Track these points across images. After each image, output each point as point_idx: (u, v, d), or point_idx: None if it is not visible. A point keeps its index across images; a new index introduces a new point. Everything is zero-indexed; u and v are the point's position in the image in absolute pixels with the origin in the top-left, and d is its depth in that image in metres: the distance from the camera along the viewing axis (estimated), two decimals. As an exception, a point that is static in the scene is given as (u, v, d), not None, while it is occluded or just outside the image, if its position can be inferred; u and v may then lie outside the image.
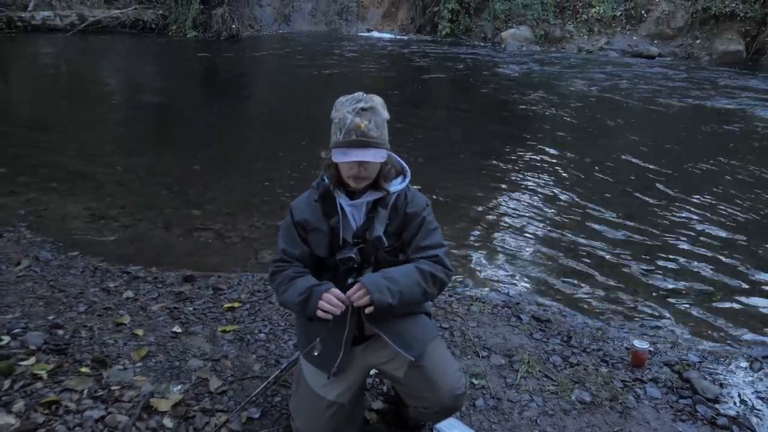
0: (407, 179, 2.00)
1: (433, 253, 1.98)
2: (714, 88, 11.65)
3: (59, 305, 3.10)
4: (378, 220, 1.96)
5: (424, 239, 1.99)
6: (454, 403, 2.04)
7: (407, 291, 1.89)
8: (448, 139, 7.72)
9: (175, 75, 11.90)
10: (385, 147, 1.87)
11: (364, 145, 1.81)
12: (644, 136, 8.11)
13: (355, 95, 1.88)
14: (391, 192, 1.95)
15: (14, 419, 2.08)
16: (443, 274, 1.99)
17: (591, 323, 3.40)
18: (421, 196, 2.04)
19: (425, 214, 2.00)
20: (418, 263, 1.95)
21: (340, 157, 1.82)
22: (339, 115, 1.84)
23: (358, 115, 1.81)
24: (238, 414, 2.29)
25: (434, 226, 2.03)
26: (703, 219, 5.20)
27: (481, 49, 16.36)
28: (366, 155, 1.81)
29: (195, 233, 4.48)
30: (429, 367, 1.99)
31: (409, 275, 1.91)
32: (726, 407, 2.64)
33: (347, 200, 1.95)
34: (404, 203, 1.98)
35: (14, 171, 5.60)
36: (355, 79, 11.79)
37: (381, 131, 1.85)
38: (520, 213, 5.22)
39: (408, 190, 2.01)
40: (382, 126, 1.85)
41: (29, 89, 10.17)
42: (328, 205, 1.98)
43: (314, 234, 2.00)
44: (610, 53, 16.00)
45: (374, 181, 1.92)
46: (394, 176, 1.99)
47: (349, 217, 1.97)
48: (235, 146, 7.03)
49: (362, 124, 1.80)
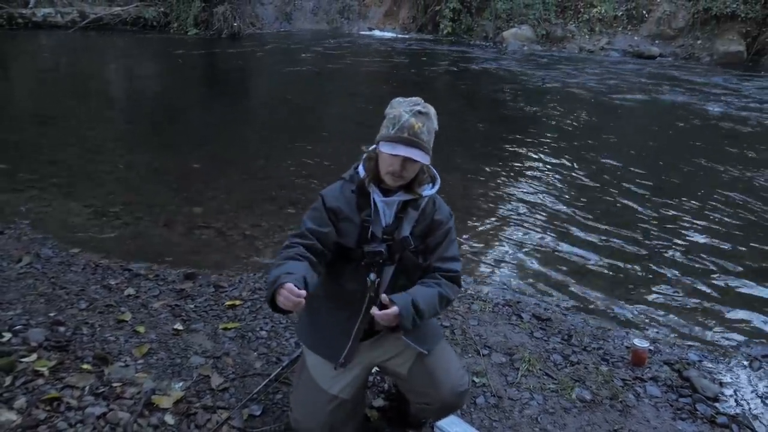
0: (437, 186, 2.05)
1: (454, 268, 2.06)
2: (714, 88, 11.64)
3: (60, 302, 3.11)
4: (407, 221, 2.00)
5: (448, 250, 2.06)
6: (456, 400, 2.07)
7: (426, 317, 1.97)
8: (448, 138, 7.71)
9: (175, 73, 11.89)
10: (430, 153, 1.91)
11: (413, 144, 1.85)
12: (646, 136, 8.11)
13: (413, 98, 1.95)
14: (423, 196, 2.00)
15: (16, 416, 2.08)
16: (454, 296, 2.09)
17: (591, 322, 3.41)
18: (446, 205, 2.10)
19: (450, 224, 2.07)
20: (441, 287, 2.01)
21: (388, 149, 1.86)
22: (395, 112, 1.89)
23: (414, 116, 1.87)
24: (240, 411, 2.30)
25: (455, 238, 2.11)
26: (705, 219, 5.20)
27: (483, 48, 16.36)
28: (413, 153, 1.85)
29: (196, 231, 4.48)
30: (433, 364, 2.04)
31: (432, 303, 1.97)
32: (726, 406, 2.65)
33: (381, 196, 1.98)
34: (433, 209, 2.04)
35: (15, 168, 5.60)
36: (357, 78, 11.79)
37: (430, 137, 1.90)
38: (521, 212, 5.22)
39: (436, 197, 2.07)
40: (431, 133, 1.91)
41: (30, 86, 10.17)
42: (362, 197, 2.00)
43: (345, 223, 2.01)
44: (612, 53, 15.98)
45: (409, 183, 1.96)
46: (430, 180, 2.04)
47: (380, 213, 2.00)
48: (236, 144, 7.03)
49: (417, 124, 1.86)
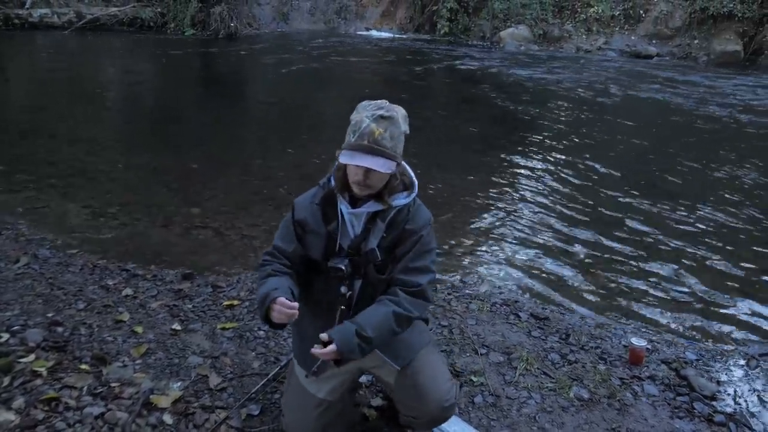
0: (413, 194, 1.94)
1: (416, 282, 1.91)
2: (711, 88, 11.67)
3: (58, 303, 3.10)
4: (374, 233, 1.92)
5: (414, 260, 1.92)
6: (442, 414, 2.02)
7: (378, 341, 1.85)
8: (446, 138, 7.73)
9: (172, 73, 11.88)
10: (396, 160, 1.82)
11: (373, 152, 1.76)
12: (643, 135, 8.13)
13: (378, 101, 1.84)
14: (393, 206, 1.90)
15: (14, 416, 2.08)
16: (418, 312, 1.92)
17: (589, 321, 3.41)
18: (424, 212, 1.98)
19: (423, 232, 1.93)
20: (399, 304, 1.87)
21: (347, 158, 1.77)
22: (357, 118, 1.81)
23: (376, 122, 1.77)
24: (238, 411, 2.30)
25: (429, 248, 1.96)
26: (702, 219, 5.21)
27: (480, 48, 16.37)
28: (374, 163, 1.76)
29: (194, 231, 4.48)
30: (418, 377, 1.97)
31: (385, 326, 1.85)
32: (723, 404, 2.65)
33: (348, 207, 1.91)
34: (405, 218, 1.92)
35: (12, 169, 5.59)
36: (354, 78, 11.79)
37: (395, 143, 1.80)
38: (519, 211, 5.23)
39: (412, 205, 1.95)
40: (397, 138, 1.81)
41: (27, 87, 10.15)
42: (329, 209, 1.95)
43: (311, 236, 1.98)
44: (609, 53, 16.01)
45: (378, 192, 1.87)
46: (402, 190, 1.93)
47: (348, 224, 1.93)
48: (233, 145, 7.03)
49: (377, 131, 1.76)
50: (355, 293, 1.97)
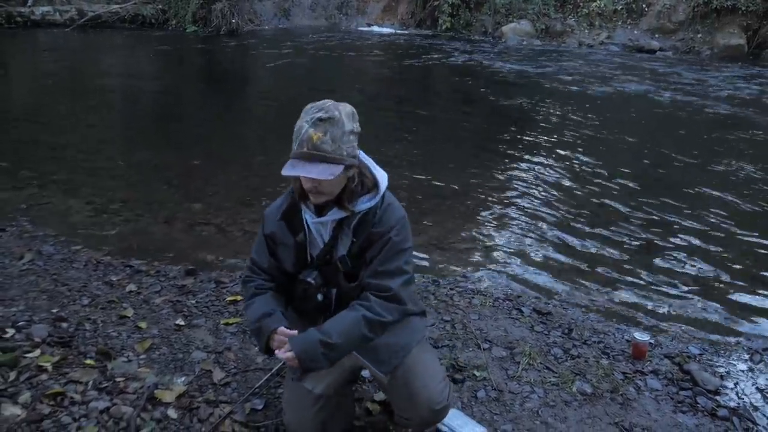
0: (377, 196, 1.83)
1: (388, 286, 1.82)
2: (715, 82, 11.63)
3: (63, 298, 3.12)
4: (342, 240, 1.85)
5: (384, 263, 1.82)
6: (433, 417, 1.99)
7: (346, 349, 1.82)
8: (448, 133, 7.72)
9: (174, 69, 11.89)
10: (342, 163, 1.69)
11: (313, 158, 1.65)
12: (646, 130, 8.11)
13: (318, 103, 1.72)
14: (356, 212, 1.81)
15: (20, 410, 2.10)
16: (393, 316, 1.84)
17: (592, 316, 3.41)
18: (395, 212, 1.86)
19: (392, 234, 1.81)
20: (370, 309, 1.81)
21: (287, 169, 1.67)
22: (298, 124, 1.70)
23: (314, 126, 1.65)
24: (242, 405, 2.31)
25: (400, 248, 1.84)
26: (705, 214, 5.20)
27: (482, 43, 16.33)
28: (312, 171, 1.65)
29: (196, 227, 4.49)
30: (409, 378, 1.93)
31: (352, 330, 1.79)
32: (726, 399, 2.65)
33: (313, 217, 1.85)
34: (372, 221, 1.82)
35: (15, 166, 5.61)
36: (355, 75, 11.78)
37: (338, 144, 1.67)
38: (521, 206, 5.22)
39: (379, 206, 1.83)
40: (341, 139, 1.68)
41: (30, 85, 10.16)
42: (294, 220, 1.89)
43: (281, 248, 1.95)
44: (611, 47, 15.96)
45: (337, 198, 1.78)
46: (367, 191, 1.82)
47: (315, 234, 1.88)
48: (235, 141, 7.04)
49: (316, 135, 1.64)
50: (332, 301, 1.94)
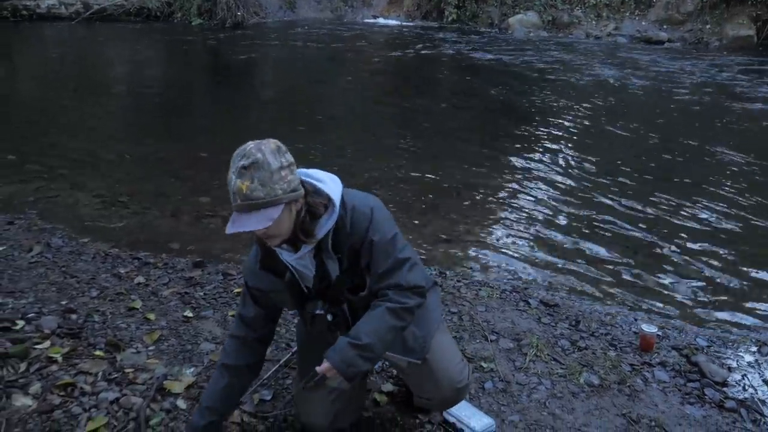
0: (335, 213, 1.76)
1: (396, 282, 1.81)
2: (723, 73, 11.54)
3: (72, 290, 3.14)
4: (328, 264, 1.81)
5: (380, 265, 1.80)
6: (455, 396, 2.05)
7: (381, 346, 1.80)
8: (454, 126, 7.70)
9: (179, 62, 11.89)
10: (281, 203, 1.62)
11: (248, 209, 1.60)
12: (654, 123, 8.06)
13: (241, 149, 1.65)
14: (319, 238, 1.76)
15: (31, 401, 2.12)
16: (414, 300, 1.84)
17: (599, 308, 3.41)
18: (360, 210, 1.79)
19: (370, 234, 1.77)
20: (389, 300, 1.81)
21: (229, 227, 1.63)
22: (228, 176, 1.64)
23: (240, 176, 1.60)
24: (251, 396, 2.32)
25: (384, 240, 1.79)
26: (713, 206, 5.17)
27: (488, 35, 16.24)
28: (249, 223, 1.60)
29: (204, 220, 4.50)
30: (430, 360, 1.97)
31: (380, 325, 1.79)
32: (734, 391, 2.65)
33: (291, 255, 1.80)
34: (346, 233, 1.78)
35: (23, 159, 5.63)
36: (360, 67, 11.75)
37: (270, 187, 1.60)
38: (528, 199, 5.21)
39: (344, 215, 1.78)
40: (270, 180, 1.60)
41: (36, 78, 10.19)
42: (274, 265, 1.86)
43: (275, 294, 1.93)
44: (619, 38, 15.83)
45: (293, 236, 1.72)
46: (321, 213, 1.75)
47: (300, 269, 1.85)
48: (240, 133, 7.01)
49: (244, 185, 1.59)
50: (347, 316, 1.93)
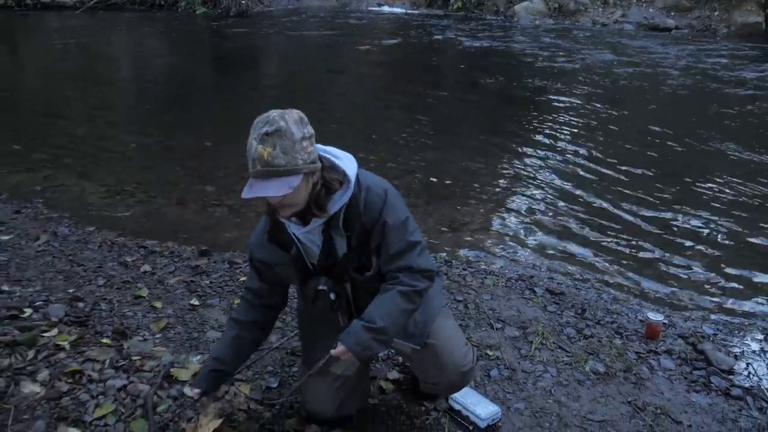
0: (349, 189, 1.77)
1: (407, 264, 1.82)
2: (732, 60, 11.42)
3: (78, 279, 3.16)
4: (337, 240, 1.82)
5: (392, 246, 1.81)
6: (460, 380, 2.06)
7: (394, 329, 1.81)
8: (458, 115, 7.67)
9: (184, 51, 11.86)
10: (300, 172, 1.64)
11: (267, 175, 1.61)
12: (660, 112, 8.01)
13: (264, 116, 1.66)
14: (331, 213, 1.76)
15: (39, 388, 2.13)
16: (424, 283, 1.86)
17: (605, 296, 3.41)
18: (375, 191, 1.80)
19: (384, 215, 1.78)
20: (400, 283, 1.82)
21: (246, 192, 1.64)
22: (248, 142, 1.65)
23: (262, 142, 1.61)
24: (258, 384, 2.33)
25: (398, 222, 1.81)
26: (719, 195, 5.14)
27: (493, 23, 16.12)
28: (269, 189, 1.61)
29: (209, 209, 4.51)
30: (434, 345, 1.98)
31: (393, 309, 1.80)
32: (740, 378, 2.65)
33: (299, 228, 1.80)
34: (358, 212, 1.78)
35: (29, 148, 5.65)
36: (365, 56, 11.69)
37: (291, 155, 1.61)
38: (533, 188, 5.19)
39: (358, 193, 1.78)
40: (292, 149, 1.62)
41: (40, 67, 10.19)
42: (281, 238, 1.85)
43: (279, 269, 1.93)
44: (626, 26, 15.68)
45: (306, 208, 1.72)
46: (336, 189, 1.76)
47: (307, 243, 1.85)
48: (246, 122, 6.90)
49: (265, 151, 1.60)
50: (349, 296, 1.93)
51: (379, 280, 1.90)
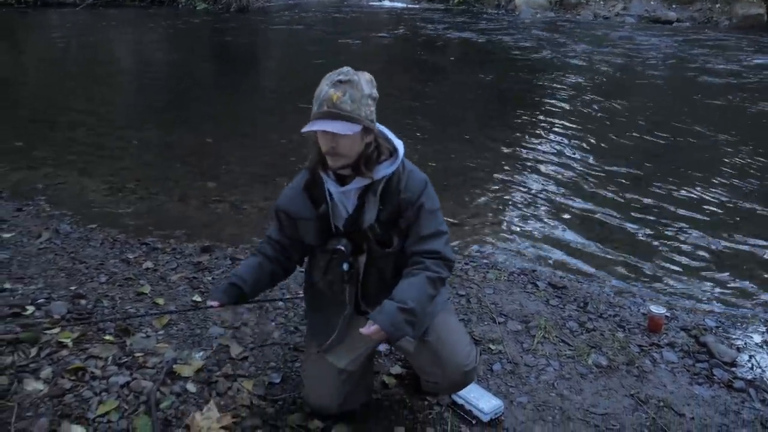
0: (397, 161, 1.86)
1: (435, 248, 1.87)
2: (734, 54, 11.37)
3: (81, 276, 3.15)
4: (368, 208, 1.86)
5: (424, 228, 1.87)
6: (463, 380, 2.04)
7: (422, 313, 1.84)
8: (459, 108, 7.65)
9: (185, 48, 11.85)
10: (361, 123, 1.73)
11: (332, 116, 1.70)
12: (660, 103, 7.98)
13: (338, 70, 1.77)
14: (376, 178, 1.82)
15: (42, 385, 2.13)
16: (447, 272, 1.91)
17: (607, 289, 3.40)
18: (417, 176, 1.89)
19: (423, 198, 1.86)
20: (427, 268, 1.86)
21: (307, 126, 1.73)
22: (318, 88, 1.76)
23: (334, 87, 1.71)
24: (261, 379, 2.33)
25: (433, 209, 1.89)
26: (719, 187, 5.13)
27: (494, 16, 16.07)
28: (331, 126, 1.69)
29: (211, 205, 4.51)
30: (437, 344, 1.97)
31: (422, 293, 1.83)
32: (743, 371, 2.64)
33: (336, 186, 1.85)
34: (397, 188, 1.85)
35: (31, 145, 5.65)
36: (366, 50, 11.67)
37: (357, 105, 1.72)
38: (534, 181, 5.18)
39: (401, 172, 1.86)
40: (360, 101, 1.73)
41: (41, 65, 10.18)
42: (315, 192, 1.90)
43: (302, 223, 1.96)
44: (627, 19, 15.65)
45: (355, 164, 1.79)
46: (386, 158, 1.85)
47: (338, 204, 1.89)
48: (248, 118, 7.03)
49: (335, 95, 1.70)
50: (360, 269, 1.95)
51: (393, 263, 1.93)
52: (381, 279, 1.96)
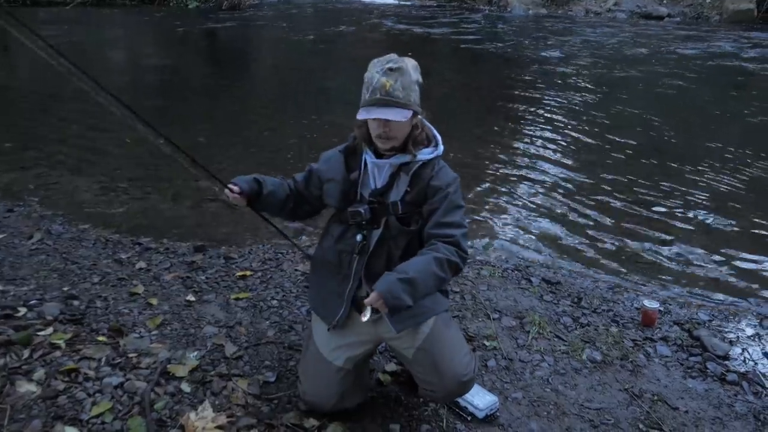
0: (437, 150, 1.99)
1: (451, 233, 1.92)
2: (724, 47, 11.42)
3: (73, 277, 3.13)
4: (397, 185, 1.95)
5: (445, 216, 1.93)
6: (460, 389, 2.04)
7: (423, 287, 1.84)
8: (453, 104, 7.65)
9: (176, 46, 11.78)
10: (412, 108, 1.86)
11: (387, 104, 1.82)
12: (652, 99, 8.01)
13: (385, 57, 1.88)
14: (418, 158, 1.93)
15: (35, 387, 2.12)
16: (458, 258, 1.92)
17: (601, 285, 3.41)
18: (449, 172, 1.99)
19: (450, 190, 1.94)
20: (436, 249, 1.89)
21: (364, 114, 1.84)
22: (368, 75, 1.86)
23: (385, 75, 1.82)
24: (256, 378, 2.33)
25: (457, 204, 1.97)
26: (713, 181, 5.16)
27: (487, 13, 16.07)
28: (388, 114, 1.81)
29: (204, 204, 4.49)
30: (435, 353, 1.96)
31: (426, 269, 1.85)
32: (736, 364, 2.66)
33: (373, 157, 1.96)
34: (430, 175, 1.94)
35: (22, 146, 5.61)
36: (358, 47, 11.65)
37: (407, 92, 1.85)
38: (528, 177, 5.19)
39: (437, 162, 1.98)
40: (409, 87, 1.85)
41: (31, 64, 10.10)
42: (352, 159, 2.01)
43: (329, 184, 2.04)
44: (618, 14, 15.69)
45: (403, 144, 1.92)
46: (426, 145, 1.98)
47: (370, 175, 1.97)
48: (241, 117, 7.00)
49: (388, 83, 1.82)
50: (371, 242, 1.98)
51: (405, 245, 1.98)
52: (389, 258, 1.98)
